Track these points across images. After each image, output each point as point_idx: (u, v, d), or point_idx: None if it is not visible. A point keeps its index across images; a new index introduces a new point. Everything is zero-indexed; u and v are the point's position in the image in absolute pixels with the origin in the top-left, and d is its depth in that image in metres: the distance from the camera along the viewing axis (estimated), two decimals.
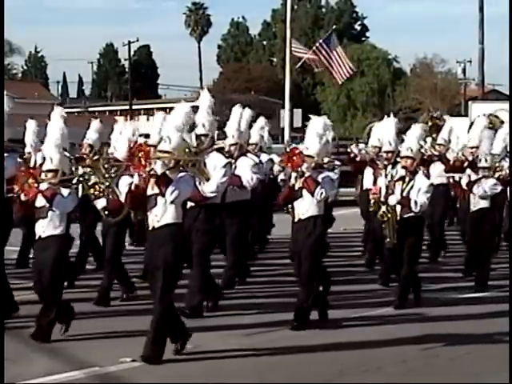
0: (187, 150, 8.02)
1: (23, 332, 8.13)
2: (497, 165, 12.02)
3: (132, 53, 62.07)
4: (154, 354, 7.11)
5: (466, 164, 12.54)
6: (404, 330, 8.79)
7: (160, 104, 61.27)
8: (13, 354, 7.28)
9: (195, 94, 65.20)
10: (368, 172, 12.20)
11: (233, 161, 10.28)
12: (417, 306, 9.86)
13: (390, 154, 11.13)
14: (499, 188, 11.14)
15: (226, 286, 10.33)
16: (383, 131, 12.03)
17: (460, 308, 9.88)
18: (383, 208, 9.73)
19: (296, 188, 8.60)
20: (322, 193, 8.42)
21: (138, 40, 57.82)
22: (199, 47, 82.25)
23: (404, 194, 9.67)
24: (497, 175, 11.71)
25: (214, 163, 9.02)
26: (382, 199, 9.83)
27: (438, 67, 57.46)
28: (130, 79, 58.85)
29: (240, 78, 59.50)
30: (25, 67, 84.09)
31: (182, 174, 7.38)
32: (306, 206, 8.58)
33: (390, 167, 10.76)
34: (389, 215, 9.70)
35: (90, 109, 63.04)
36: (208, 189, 8.75)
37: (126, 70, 70.67)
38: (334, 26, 34.09)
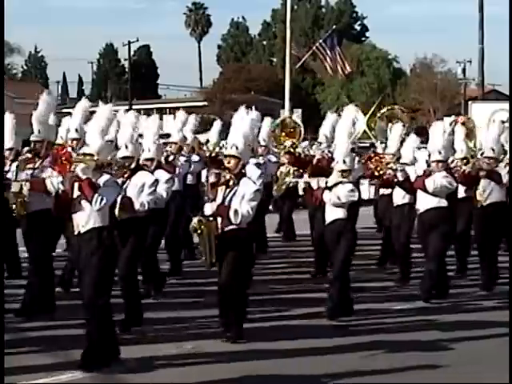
0: None
1: (23, 332, 8.14)
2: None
3: (132, 53, 61.96)
4: None
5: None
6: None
7: (160, 104, 61.35)
8: (13, 354, 7.27)
9: (195, 94, 65.59)
10: None
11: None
12: (238, 338, 7.91)
13: None
14: (356, 195, 9.07)
15: (23, 312, 8.72)
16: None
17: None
18: (195, 220, 7.81)
19: (75, 195, 7.06)
20: (101, 200, 6.88)
21: (137, 40, 57.67)
22: (199, 47, 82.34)
23: (226, 201, 7.88)
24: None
25: None
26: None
27: (438, 67, 57.36)
28: (130, 79, 58.72)
29: (240, 78, 59.38)
30: (25, 67, 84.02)
31: None
32: (85, 217, 7.04)
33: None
34: (202, 228, 7.79)
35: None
36: None
37: (126, 70, 70.48)
38: (334, 26, 34.16)
